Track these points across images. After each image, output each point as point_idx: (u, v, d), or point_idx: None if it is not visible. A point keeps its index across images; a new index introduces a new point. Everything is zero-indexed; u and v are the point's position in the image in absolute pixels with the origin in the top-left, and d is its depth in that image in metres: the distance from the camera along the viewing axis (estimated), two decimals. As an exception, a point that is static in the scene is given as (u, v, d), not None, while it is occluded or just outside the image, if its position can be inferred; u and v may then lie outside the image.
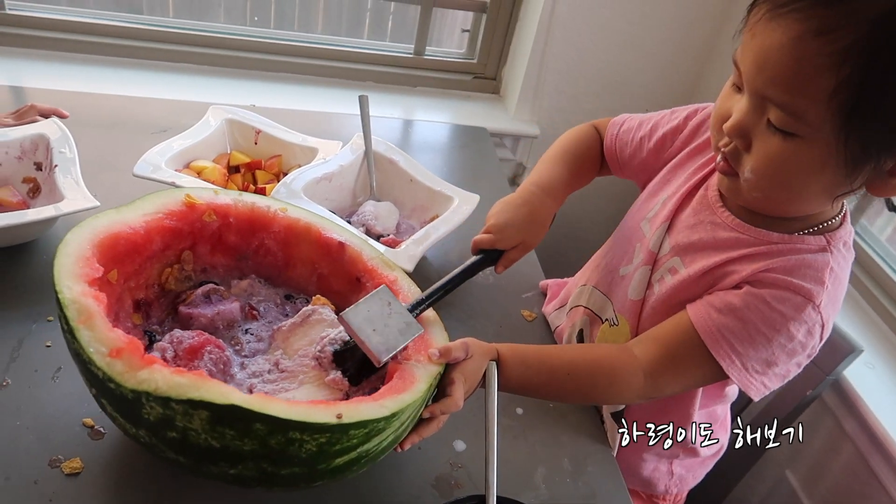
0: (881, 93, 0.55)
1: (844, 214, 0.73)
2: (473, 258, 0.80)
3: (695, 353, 0.71)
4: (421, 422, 0.66)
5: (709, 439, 0.91)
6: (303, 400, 0.66)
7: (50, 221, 0.91)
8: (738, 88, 0.65)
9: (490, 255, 0.81)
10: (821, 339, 0.70)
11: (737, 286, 0.71)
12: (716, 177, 0.76)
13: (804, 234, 0.70)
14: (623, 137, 0.92)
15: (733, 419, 1.11)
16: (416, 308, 0.70)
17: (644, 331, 0.79)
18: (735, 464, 1.10)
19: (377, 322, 0.66)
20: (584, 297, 0.93)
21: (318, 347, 0.70)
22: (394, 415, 0.60)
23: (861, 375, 1.18)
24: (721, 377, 0.71)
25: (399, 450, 0.65)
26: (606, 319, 0.88)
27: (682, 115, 0.86)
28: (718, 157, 0.69)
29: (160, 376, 0.55)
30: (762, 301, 0.69)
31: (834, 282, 0.69)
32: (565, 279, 1.03)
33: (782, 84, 0.59)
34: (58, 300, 0.59)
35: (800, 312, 0.68)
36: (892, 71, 0.54)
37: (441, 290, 0.74)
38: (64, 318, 0.59)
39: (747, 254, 0.71)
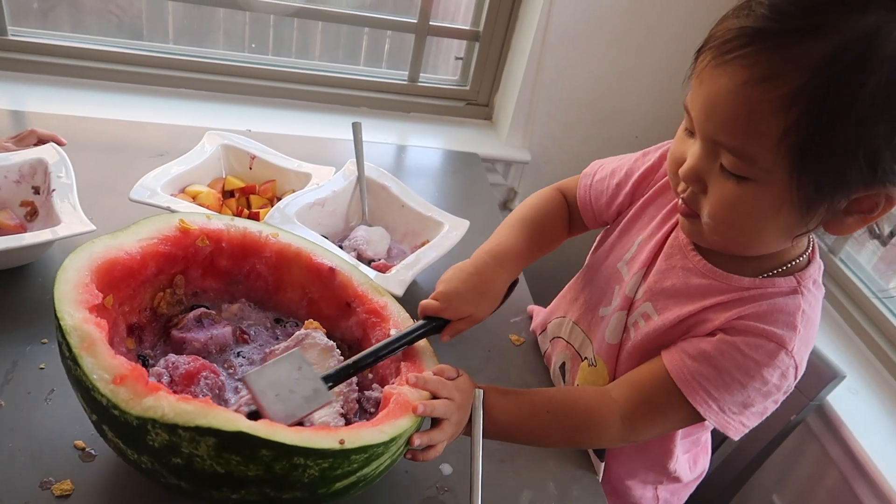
0: (829, 135, 0.55)
1: (812, 250, 0.73)
2: (417, 323, 0.77)
3: (671, 399, 0.72)
4: (434, 425, 0.68)
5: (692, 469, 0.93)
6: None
7: (46, 245, 0.92)
8: (691, 133, 0.66)
9: (436, 322, 0.78)
10: (795, 379, 0.71)
11: (711, 333, 0.72)
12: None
13: (774, 275, 0.71)
14: (597, 187, 0.91)
15: (718, 444, 1.12)
16: (334, 377, 0.68)
17: (621, 375, 0.79)
18: (721, 490, 1.11)
19: (282, 387, 0.63)
20: (565, 331, 0.93)
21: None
22: (392, 440, 0.62)
23: (845, 401, 1.20)
24: (698, 420, 0.72)
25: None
26: (586, 358, 0.88)
27: (656, 154, 0.86)
28: (679, 201, 0.70)
29: (166, 403, 0.56)
30: (735, 348, 0.69)
31: (806, 324, 0.69)
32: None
33: (731, 129, 0.59)
34: (59, 327, 0.60)
35: (773, 358, 0.68)
36: (838, 113, 0.55)
37: (373, 355, 0.70)
38: (66, 346, 0.59)
39: (720, 301, 0.71)
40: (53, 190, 0.96)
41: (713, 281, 0.73)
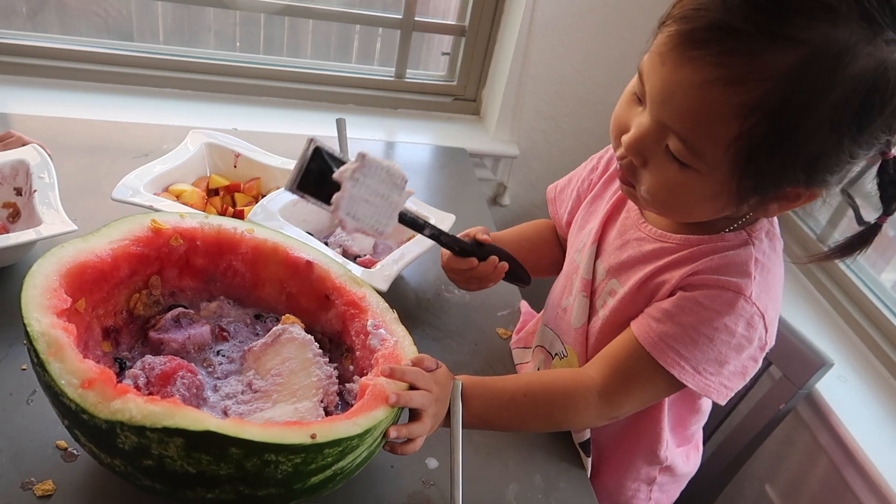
0: (780, 145, 0.57)
1: None
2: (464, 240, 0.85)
3: (645, 367, 0.72)
4: (413, 419, 0.68)
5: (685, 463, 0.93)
6: (278, 419, 0.68)
7: (28, 246, 0.92)
8: (640, 99, 0.66)
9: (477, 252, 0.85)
10: (766, 329, 0.71)
11: (671, 294, 0.73)
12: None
13: (725, 232, 0.72)
14: (560, 197, 0.96)
15: (709, 435, 1.12)
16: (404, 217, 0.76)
17: (593, 357, 0.79)
18: (713, 479, 1.11)
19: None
20: (540, 337, 0.94)
21: (320, 397, 0.70)
22: (367, 432, 0.61)
23: (834, 389, 1.20)
24: (677, 387, 0.72)
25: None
26: (556, 353, 0.89)
27: (597, 157, 0.90)
28: (617, 165, 0.71)
29: (134, 405, 0.55)
30: (695, 303, 0.70)
31: (762, 271, 0.70)
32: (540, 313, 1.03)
33: (686, 121, 0.60)
34: (27, 333, 0.59)
35: (732, 307, 0.69)
36: (792, 126, 0.56)
37: (432, 227, 0.80)
38: (34, 351, 0.59)
39: (673, 260, 0.73)
40: (35, 191, 0.95)
41: (664, 243, 0.75)
